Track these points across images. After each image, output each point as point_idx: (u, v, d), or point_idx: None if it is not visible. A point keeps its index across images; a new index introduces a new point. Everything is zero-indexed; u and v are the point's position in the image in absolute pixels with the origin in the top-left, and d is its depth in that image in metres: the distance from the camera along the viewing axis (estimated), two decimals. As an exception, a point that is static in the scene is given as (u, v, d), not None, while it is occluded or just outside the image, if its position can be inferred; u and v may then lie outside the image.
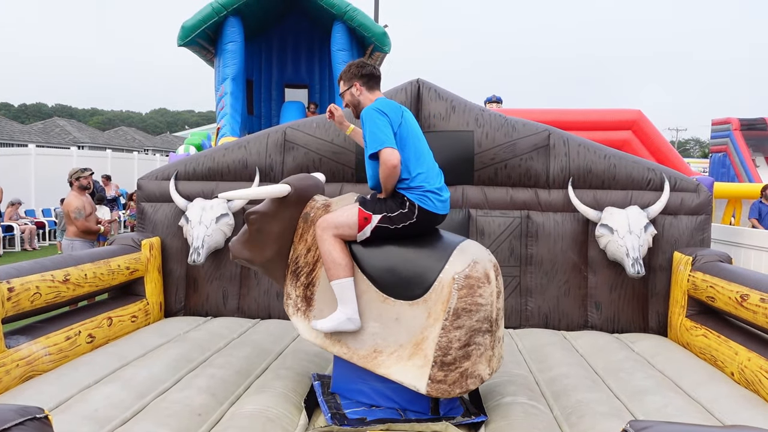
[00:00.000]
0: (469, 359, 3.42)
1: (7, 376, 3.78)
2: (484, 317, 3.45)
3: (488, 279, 3.48)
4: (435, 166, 3.72)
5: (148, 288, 5.59)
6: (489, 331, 3.48)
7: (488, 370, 3.50)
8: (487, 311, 3.45)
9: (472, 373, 3.44)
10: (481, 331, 3.45)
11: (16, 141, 32.51)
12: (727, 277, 4.57)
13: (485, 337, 3.46)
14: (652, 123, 10.18)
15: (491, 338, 3.50)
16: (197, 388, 3.78)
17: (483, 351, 3.46)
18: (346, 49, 11.14)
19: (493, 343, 3.52)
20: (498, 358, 3.59)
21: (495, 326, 3.52)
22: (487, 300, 3.45)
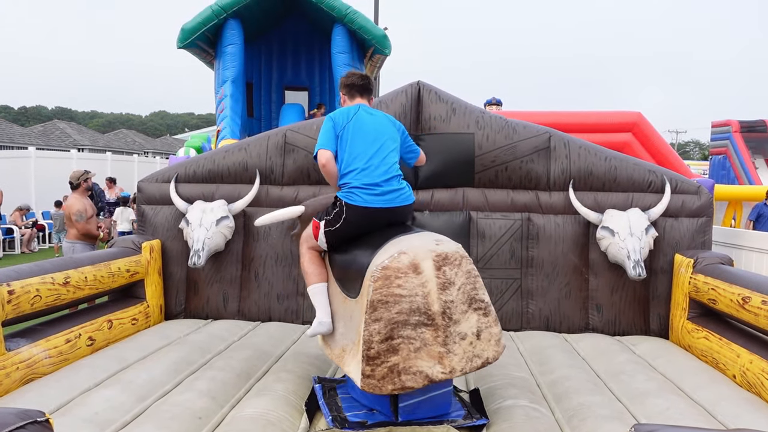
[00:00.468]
0: (396, 354, 3.27)
1: (7, 379, 3.77)
2: (410, 309, 3.28)
3: (415, 269, 3.32)
4: (374, 162, 3.73)
5: (148, 291, 5.58)
6: (426, 325, 3.30)
7: (439, 368, 3.30)
8: (413, 303, 3.29)
9: (407, 369, 3.27)
10: (409, 324, 3.28)
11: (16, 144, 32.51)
12: (728, 280, 4.56)
13: (420, 331, 3.29)
14: (652, 125, 10.18)
15: (433, 333, 3.31)
16: (198, 390, 3.78)
17: (420, 346, 3.29)
18: (346, 52, 11.14)
19: (445, 340, 3.32)
20: (468, 358, 3.37)
21: (441, 320, 3.32)
22: (411, 291, 3.29)
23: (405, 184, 3.82)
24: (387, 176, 3.73)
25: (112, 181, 16.33)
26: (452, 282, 3.37)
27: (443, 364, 3.31)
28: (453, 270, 3.38)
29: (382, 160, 3.75)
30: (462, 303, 3.39)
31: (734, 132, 18.19)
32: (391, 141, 3.86)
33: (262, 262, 5.81)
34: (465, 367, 3.36)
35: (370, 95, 4.08)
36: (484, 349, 3.42)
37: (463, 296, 3.39)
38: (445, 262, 3.37)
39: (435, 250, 3.41)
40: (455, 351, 3.34)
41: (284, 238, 5.81)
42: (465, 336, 3.37)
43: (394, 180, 3.75)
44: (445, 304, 3.34)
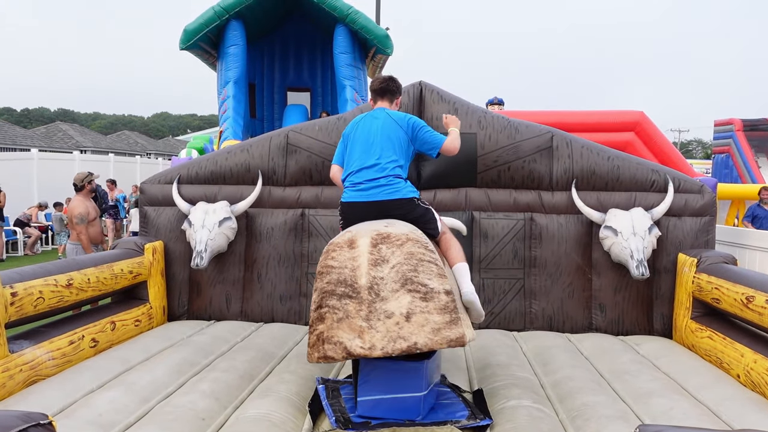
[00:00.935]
0: (323, 322, 3.37)
1: (10, 380, 3.78)
2: (338, 280, 3.39)
3: (350, 245, 3.45)
4: (366, 164, 3.94)
5: (151, 292, 5.58)
6: (351, 297, 3.36)
7: (359, 342, 3.31)
8: (341, 274, 3.39)
9: (330, 339, 3.34)
10: (336, 294, 3.38)
11: (19, 146, 32.58)
12: (732, 279, 4.55)
13: (344, 302, 3.36)
14: (654, 124, 10.17)
15: (357, 305, 3.35)
16: (201, 392, 3.77)
17: (343, 317, 3.35)
18: (348, 52, 11.14)
19: (368, 314, 3.34)
20: (387, 337, 3.31)
21: (368, 295, 3.36)
22: (341, 263, 3.41)
23: (397, 181, 3.90)
24: (376, 175, 3.90)
25: (113, 183, 16.32)
26: (386, 260, 3.40)
27: (363, 339, 3.32)
28: (390, 249, 3.42)
29: (374, 161, 3.93)
30: (394, 282, 3.38)
31: (737, 130, 18.16)
32: (387, 141, 3.97)
33: (265, 263, 5.81)
34: (387, 346, 3.30)
35: (391, 95, 4.25)
36: (414, 333, 3.31)
37: (396, 275, 3.38)
38: (384, 240, 3.45)
39: (378, 230, 3.50)
40: (378, 328, 3.33)
41: (286, 239, 5.81)
42: (391, 315, 3.34)
43: (383, 178, 3.88)
44: (374, 279, 3.37)
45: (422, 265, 3.39)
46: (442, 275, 3.41)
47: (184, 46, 11.04)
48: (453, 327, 3.33)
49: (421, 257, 3.41)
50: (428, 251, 3.45)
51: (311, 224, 5.81)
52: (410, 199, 3.89)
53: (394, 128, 4.01)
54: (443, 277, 3.41)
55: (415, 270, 3.38)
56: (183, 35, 10.90)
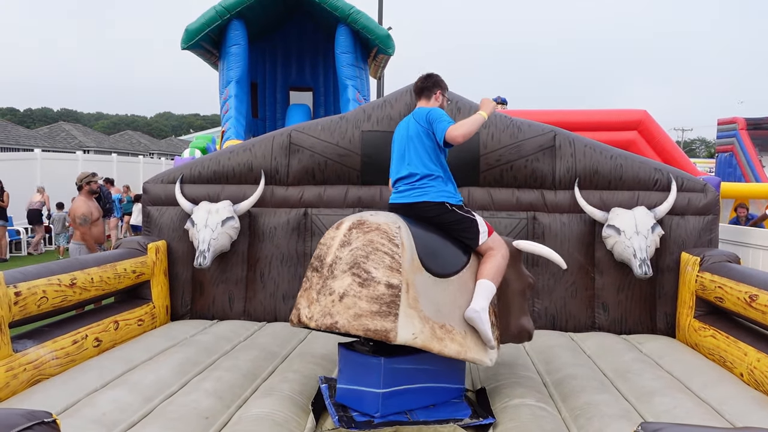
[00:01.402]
0: (301, 290, 3.67)
1: (14, 380, 3.79)
2: (317, 255, 3.63)
3: (338, 227, 3.62)
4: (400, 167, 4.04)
5: (154, 291, 5.59)
6: (317, 270, 3.57)
7: (307, 312, 3.51)
8: (320, 250, 3.62)
9: (296, 304, 3.65)
10: (312, 266, 3.63)
11: (22, 145, 32.63)
12: (735, 278, 4.55)
13: (312, 274, 3.59)
14: (657, 123, 10.16)
15: (318, 279, 3.53)
16: (204, 391, 3.78)
17: (308, 287, 3.58)
18: (350, 52, 11.15)
19: (320, 288, 3.48)
20: (322, 311, 3.41)
21: (327, 271, 3.49)
22: (324, 241, 3.63)
23: (430, 183, 3.89)
24: (406, 174, 3.96)
25: (110, 182, 16.21)
26: (350, 242, 3.51)
27: (310, 309, 3.51)
28: (358, 234, 3.52)
29: (406, 164, 3.99)
30: (345, 263, 3.46)
31: (740, 129, 18.14)
32: (417, 140, 3.98)
33: (268, 262, 5.82)
34: (319, 320, 3.42)
35: (428, 92, 4.20)
36: (339, 312, 3.36)
37: (349, 257, 3.46)
38: (358, 226, 3.55)
39: (362, 216, 3.64)
40: (321, 301, 3.48)
41: (289, 239, 5.81)
42: (333, 292, 3.43)
43: (417, 181, 3.91)
44: (336, 258, 3.50)
45: (375, 254, 3.42)
46: (394, 269, 3.40)
47: (185, 46, 11.05)
48: (377, 318, 3.31)
49: (379, 247, 3.44)
50: (391, 243, 3.46)
51: (314, 224, 5.82)
52: (440, 203, 3.85)
53: (416, 129, 3.99)
54: (394, 271, 3.40)
55: (367, 257, 3.43)
56: (185, 35, 10.91)
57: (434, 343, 3.47)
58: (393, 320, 3.31)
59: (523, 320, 4.24)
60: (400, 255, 3.44)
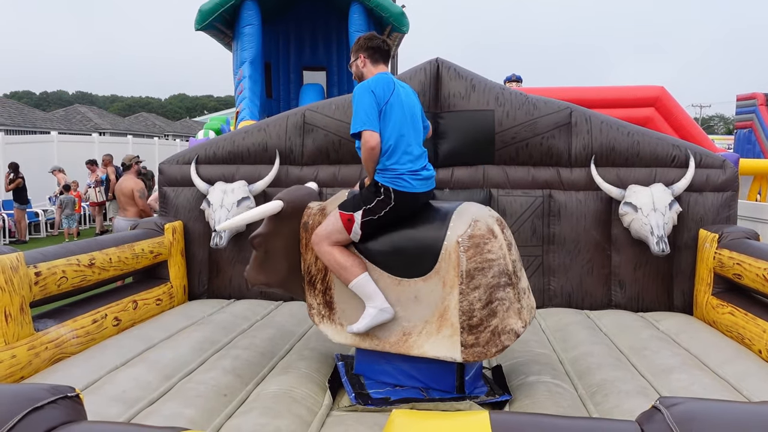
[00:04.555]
0: (495, 316, 3.41)
1: (36, 358, 3.85)
2: (500, 272, 3.43)
3: (493, 234, 3.48)
4: (417, 146, 3.64)
5: (171, 271, 5.64)
6: (510, 285, 3.44)
7: (520, 323, 3.45)
8: (501, 265, 3.43)
9: (504, 329, 3.42)
10: (500, 285, 3.42)
11: (39, 128, 32.85)
12: (754, 254, 4.50)
13: (507, 291, 3.43)
14: (675, 99, 10.01)
15: (514, 291, 3.46)
16: (222, 369, 3.83)
17: (509, 305, 3.44)
18: (363, 30, 11.04)
19: (519, 296, 3.49)
20: (528, 309, 3.56)
21: (515, 278, 3.50)
22: (498, 254, 3.44)
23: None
24: (424, 160, 3.69)
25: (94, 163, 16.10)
26: (511, 242, 3.58)
27: (522, 319, 3.48)
28: (507, 231, 3.63)
29: (419, 143, 3.68)
30: (519, 260, 3.62)
31: (760, 105, 17.84)
32: (423, 119, 3.84)
33: (284, 242, 5.83)
34: (528, 318, 3.53)
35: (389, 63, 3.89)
36: (531, 298, 3.65)
37: (518, 254, 3.63)
38: (502, 225, 3.61)
39: (492, 215, 3.63)
40: (524, 305, 3.54)
41: (305, 218, 5.82)
42: (525, 290, 3.60)
43: (428, 163, 3.74)
44: (514, 263, 3.54)
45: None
46: None
47: (199, 27, 11.02)
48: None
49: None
50: None
51: (329, 203, 5.82)
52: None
53: (419, 104, 3.84)
54: None
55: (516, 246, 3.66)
56: (198, 16, 10.88)
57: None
58: None
59: None
60: None
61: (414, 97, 3.79)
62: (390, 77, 3.64)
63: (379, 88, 3.51)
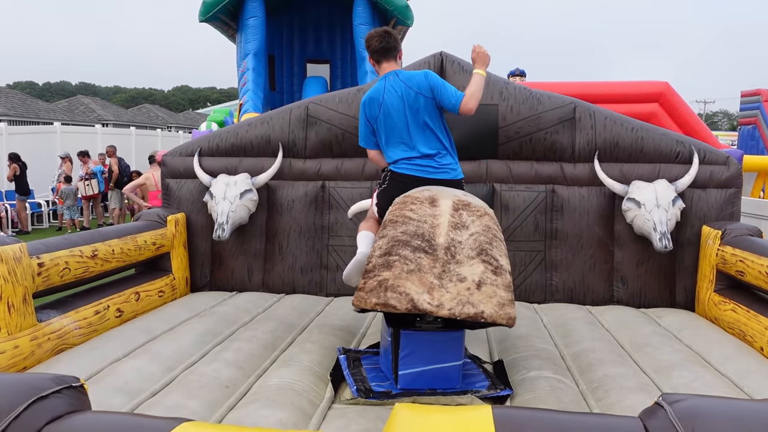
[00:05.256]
0: (389, 270, 3.32)
1: (39, 349, 3.86)
2: (413, 232, 3.39)
3: (432, 202, 3.52)
4: (406, 138, 3.87)
5: (174, 263, 5.65)
6: (423, 251, 3.35)
7: (426, 297, 3.25)
8: (419, 227, 3.40)
9: (394, 287, 3.28)
10: (411, 245, 3.36)
11: (42, 119, 32.87)
12: (757, 251, 4.49)
13: (418, 255, 3.34)
14: (679, 95, 10.00)
15: (431, 262, 3.33)
16: (224, 361, 3.83)
17: (414, 269, 3.31)
18: (367, 23, 11.05)
19: (441, 273, 3.31)
20: (457, 299, 3.26)
21: (441, 251, 3.35)
22: (422, 218, 3.44)
23: (448, 160, 3.93)
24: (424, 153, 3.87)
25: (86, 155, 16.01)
26: (466, 226, 3.46)
27: (432, 296, 3.28)
28: (471, 217, 3.50)
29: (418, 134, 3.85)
30: (470, 249, 3.39)
31: (765, 101, 17.79)
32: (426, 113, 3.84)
33: (286, 234, 5.85)
34: (455, 309, 3.25)
35: (395, 54, 3.94)
36: (482, 301, 3.27)
37: (473, 243, 3.41)
38: (465, 207, 3.52)
39: (459, 196, 3.58)
40: (449, 288, 3.30)
41: (307, 212, 5.83)
42: (464, 279, 3.31)
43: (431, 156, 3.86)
44: (453, 241, 3.40)
45: (496, 242, 3.46)
46: (506, 255, 3.49)
47: (203, 18, 11.02)
48: (512, 306, 3.34)
49: (495, 234, 3.50)
50: (500, 230, 3.57)
51: (332, 196, 5.82)
52: (460, 180, 3.96)
53: (420, 100, 3.82)
54: (507, 257, 3.48)
55: (490, 243, 3.43)
56: (202, 7, 10.87)
57: None
58: (514, 307, 3.39)
59: None
60: (504, 241, 3.55)
61: (413, 89, 3.83)
62: (380, 86, 3.89)
63: (368, 106, 3.95)
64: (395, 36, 3.98)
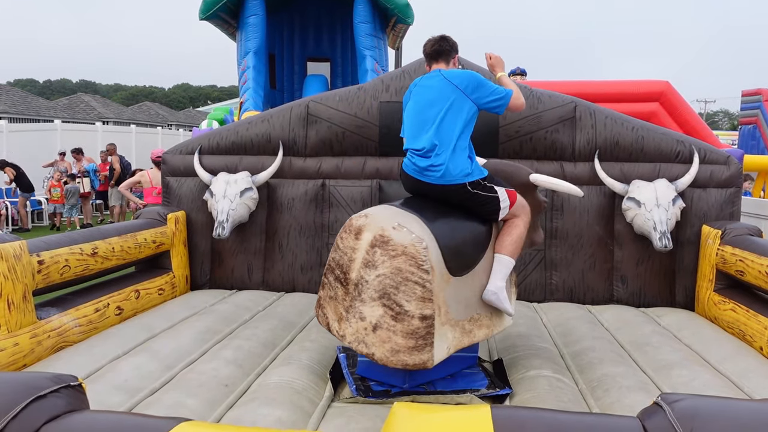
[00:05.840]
0: (323, 289, 3.60)
1: (39, 346, 3.86)
2: (338, 262, 3.47)
3: (357, 234, 3.39)
4: (414, 128, 3.72)
5: (174, 261, 5.65)
6: (341, 283, 3.41)
7: (337, 327, 3.40)
8: (341, 257, 3.45)
9: (322, 306, 3.58)
10: (334, 273, 3.49)
11: (42, 116, 32.85)
12: (757, 251, 4.49)
13: (336, 285, 3.46)
14: (679, 94, 10.00)
15: (343, 293, 3.39)
16: (224, 359, 3.83)
17: (333, 297, 3.48)
18: (368, 22, 11.02)
19: (349, 306, 3.34)
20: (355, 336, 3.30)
21: (354, 290, 3.33)
22: (344, 250, 3.44)
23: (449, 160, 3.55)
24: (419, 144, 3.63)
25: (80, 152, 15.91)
26: (375, 265, 3.29)
27: (340, 325, 3.42)
28: (383, 257, 3.28)
29: (429, 132, 3.61)
30: (374, 290, 3.27)
31: (765, 101, 17.77)
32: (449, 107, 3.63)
33: (286, 233, 5.85)
34: (352, 343, 3.32)
35: (445, 57, 3.90)
36: (374, 344, 3.25)
37: (378, 285, 3.27)
38: (382, 244, 3.29)
39: (384, 229, 3.33)
40: (351, 323, 3.33)
41: (307, 210, 5.83)
42: (364, 318, 3.29)
43: (433, 150, 3.58)
44: (361, 279, 3.32)
45: (405, 285, 3.23)
46: (426, 299, 3.24)
47: (203, 16, 11.00)
48: (415, 353, 3.22)
49: (408, 276, 3.23)
50: (420, 270, 3.24)
51: (332, 195, 5.82)
52: (462, 185, 3.57)
53: (451, 93, 3.66)
54: (426, 301, 3.25)
55: (397, 287, 3.23)
56: (202, 5, 10.85)
57: (465, 340, 3.48)
58: (429, 350, 3.24)
59: (534, 236, 4.25)
60: (430, 281, 3.25)
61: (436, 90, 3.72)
62: (414, 82, 3.94)
63: (404, 98, 4.00)
64: (450, 42, 3.94)
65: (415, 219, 3.42)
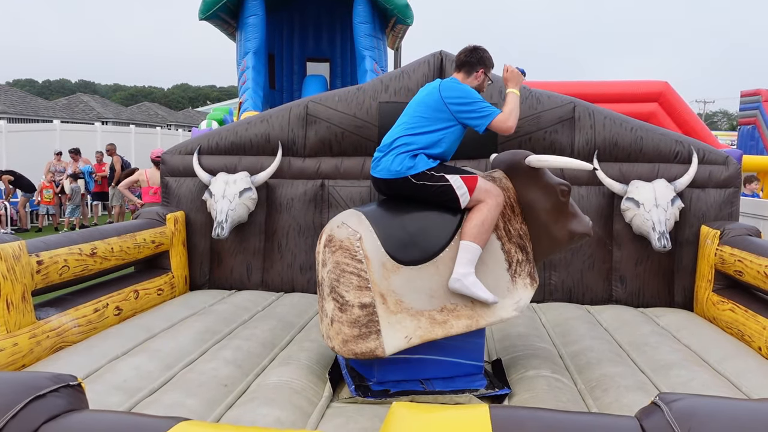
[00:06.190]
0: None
1: (38, 346, 3.86)
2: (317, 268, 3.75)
3: (321, 240, 3.66)
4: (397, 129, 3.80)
5: (173, 261, 5.65)
6: (317, 285, 3.71)
7: (321, 327, 3.65)
8: (317, 263, 3.72)
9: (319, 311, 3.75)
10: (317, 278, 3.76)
11: (41, 117, 32.81)
12: (755, 251, 4.50)
13: (318, 290, 3.72)
14: (678, 95, 10.00)
15: (319, 294, 3.68)
16: (223, 359, 3.84)
17: (319, 300, 3.71)
18: (367, 22, 11.02)
19: (322, 306, 3.64)
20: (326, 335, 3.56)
21: (320, 288, 3.66)
22: (318, 252, 3.71)
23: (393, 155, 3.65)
24: (384, 144, 3.79)
25: (77, 152, 15.83)
26: (325, 264, 3.56)
27: (322, 323, 3.65)
28: (328, 254, 3.55)
29: (391, 138, 3.77)
30: (327, 286, 3.53)
31: (765, 101, 17.78)
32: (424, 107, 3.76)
33: (285, 233, 5.85)
34: (324, 339, 3.61)
35: (469, 68, 3.91)
36: (332, 337, 3.49)
37: (329, 280, 3.52)
38: (328, 244, 3.57)
39: (332, 229, 3.59)
40: (323, 321, 3.63)
41: (306, 210, 5.83)
42: (327, 314, 3.54)
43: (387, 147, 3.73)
44: (322, 279, 3.61)
45: (344, 276, 3.45)
46: (362, 287, 3.42)
47: (203, 16, 10.99)
48: (360, 341, 3.40)
49: (345, 268, 3.45)
50: (354, 261, 3.44)
51: (331, 195, 5.82)
52: (404, 179, 3.61)
53: (433, 96, 3.77)
54: (363, 290, 3.41)
55: (338, 280, 3.47)
56: (202, 5, 10.85)
57: (437, 331, 3.49)
58: (375, 338, 3.39)
59: (570, 225, 3.82)
60: (366, 270, 3.43)
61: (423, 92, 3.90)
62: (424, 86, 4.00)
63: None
64: (477, 55, 3.92)
65: (357, 215, 3.63)
